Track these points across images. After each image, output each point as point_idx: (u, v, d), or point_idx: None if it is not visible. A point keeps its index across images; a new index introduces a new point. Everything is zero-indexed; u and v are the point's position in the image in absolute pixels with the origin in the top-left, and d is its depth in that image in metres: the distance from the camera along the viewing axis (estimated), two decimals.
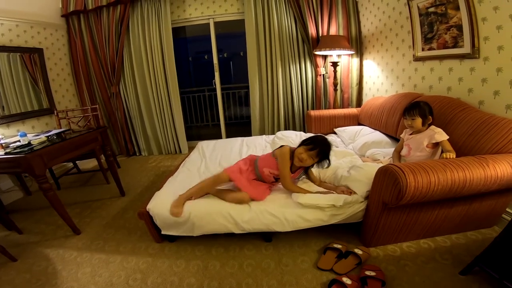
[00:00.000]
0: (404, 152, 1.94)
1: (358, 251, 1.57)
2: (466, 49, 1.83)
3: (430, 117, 1.79)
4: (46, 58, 3.31)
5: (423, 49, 2.26)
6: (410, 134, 1.91)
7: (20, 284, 1.60)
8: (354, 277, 1.40)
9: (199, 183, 1.83)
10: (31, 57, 3.13)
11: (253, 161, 1.93)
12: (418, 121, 1.79)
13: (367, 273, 1.40)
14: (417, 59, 2.36)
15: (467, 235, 1.70)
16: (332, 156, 2.28)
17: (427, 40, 2.20)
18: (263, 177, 1.88)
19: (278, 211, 1.66)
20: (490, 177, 1.32)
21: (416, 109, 1.80)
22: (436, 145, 1.73)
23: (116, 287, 1.53)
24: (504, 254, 1.23)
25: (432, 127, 1.78)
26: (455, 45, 1.93)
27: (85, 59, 3.71)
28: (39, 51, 3.20)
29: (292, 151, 1.78)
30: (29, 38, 3.12)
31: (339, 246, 1.63)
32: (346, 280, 1.36)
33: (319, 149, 1.71)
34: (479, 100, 1.79)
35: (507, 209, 1.69)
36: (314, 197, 1.67)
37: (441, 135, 1.68)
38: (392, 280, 1.41)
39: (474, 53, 1.77)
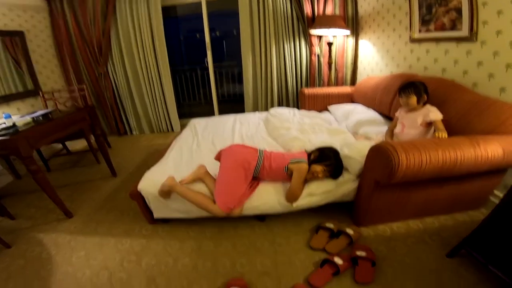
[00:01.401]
0: (397, 129, 1.95)
1: (349, 231, 1.60)
2: (464, 32, 1.81)
3: (425, 95, 1.79)
4: (28, 40, 3.17)
5: (420, 31, 2.24)
6: (406, 113, 1.91)
7: (15, 270, 1.60)
8: (345, 257, 1.43)
9: (196, 195, 1.64)
10: (12, 40, 2.99)
11: (251, 171, 1.67)
12: (413, 99, 1.79)
13: (358, 253, 1.43)
14: (413, 40, 2.33)
15: (455, 217, 1.74)
16: (325, 134, 2.26)
17: (424, 22, 2.17)
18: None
19: (272, 196, 1.67)
20: (481, 158, 1.33)
21: (411, 87, 1.80)
22: (430, 124, 1.74)
23: (111, 270, 1.54)
24: (490, 238, 1.25)
25: (428, 105, 1.78)
26: (453, 28, 1.91)
27: (69, 41, 3.56)
28: (19, 34, 3.06)
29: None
30: (8, 21, 2.97)
31: (331, 226, 1.65)
32: (338, 260, 1.39)
33: (337, 168, 1.66)
34: (474, 82, 1.79)
35: (495, 191, 1.72)
36: (308, 190, 1.66)
37: (435, 114, 1.68)
38: (382, 260, 1.45)
39: (472, 37, 1.76)
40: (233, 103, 5.55)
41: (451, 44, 1.95)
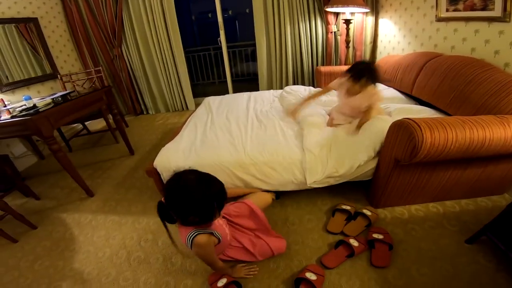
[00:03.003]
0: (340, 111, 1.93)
1: (367, 211, 1.58)
2: (496, 12, 1.69)
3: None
4: (42, 26, 3.21)
5: (447, 10, 2.11)
6: (346, 96, 1.83)
7: (41, 252, 1.67)
8: (362, 240, 1.41)
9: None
10: (27, 27, 3.04)
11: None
12: (368, 87, 1.72)
13: (375, 236, 1.41)
14: (439, 19, 2.20)
15: (477, 201, 1.67)
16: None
17: (452, 1, 2.04)
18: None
19: (288, 172, 1.65)
20: (511, 138, 1.25)
21: (369, 75, 1.68)
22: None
23: (129, 249, 1.60)
24: None
25: (370, 87, 1.71)
26: (484, 8, 1.78)
27: (83, 25, 3.58)
28: (34, 21, 3.10)
29: None
30: (21, 8, 3.00)
31: (348, 208, 1.62)
32: (353, 242, 1.37)
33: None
34: (505, 62, 1.67)
35: None
36: (328, 171, 1.60)
37: (379, 98, 1.68)
38: (399, 244, 1.42)
39: (505, 17, 1.64)
40: (247, 82, 5.51)
41: (481, 24, 1.83)
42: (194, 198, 0.97)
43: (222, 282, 1.26)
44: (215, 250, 1.20)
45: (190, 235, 1.06)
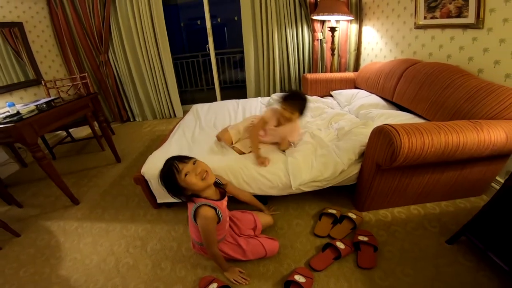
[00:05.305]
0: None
1: (352, 215, 1.62)
2: (470, 19, 1.79)
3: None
4: (27, 31, 3.17)
5: (425, 18, 2.21)
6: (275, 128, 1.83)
7: (25, 259, 1.63)
8: (348, 242, 1.45)
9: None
10: (11, 31, 2.99)
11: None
12: (297, 116, 1.71)
13: (360, 238, 1.45)
14: (418, 27, 2.31)
15: (456, 203, 1.74)
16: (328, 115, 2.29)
17: (430, 8, 2.14)
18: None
19: (274, 176, 1.68)
20: (484, 142, 1.32)
21: (300, 101, 1.68)
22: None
23: (117, 255, 1.58)
24: (490, 224, 1.25)
25: (297, 120, 1.79)
26: (459, 15, 1.88)
27: (69, 30, 3.54)
28: (18, 25, 3.06)
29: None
30: (7, 13, 2.97)
31: (334, 212, 1.67)
32: (340, 245, 1.41)
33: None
34: (479, 68, 1.77)
35: (497, 178, 1.72)
36: (313, 174, 1.64)
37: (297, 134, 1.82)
38: (383, 245, 1.47)
39: (478, 24, 1.73)
40: (235, 89, 5.54)
41: (456, 31, 1.93)
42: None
43: (213, 287, 1.27)
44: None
45: (195, 206, 1.21)
